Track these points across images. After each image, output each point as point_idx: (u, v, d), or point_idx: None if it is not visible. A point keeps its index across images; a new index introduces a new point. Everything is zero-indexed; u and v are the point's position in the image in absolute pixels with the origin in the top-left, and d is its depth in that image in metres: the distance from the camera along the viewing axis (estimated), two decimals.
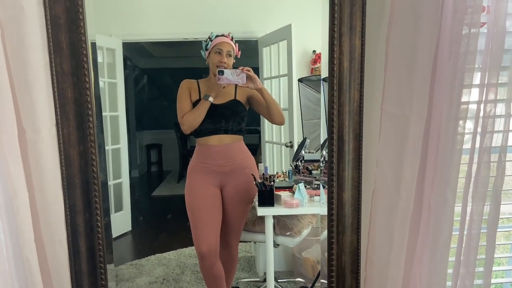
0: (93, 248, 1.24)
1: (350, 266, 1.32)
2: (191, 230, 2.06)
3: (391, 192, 1.26)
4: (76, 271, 1.24)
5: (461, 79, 1.18)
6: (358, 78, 1.21)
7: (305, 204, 2.12)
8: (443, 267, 1.26)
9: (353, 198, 1.30)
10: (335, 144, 1.26)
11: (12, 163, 1.10)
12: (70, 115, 1.18)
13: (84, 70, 1.15)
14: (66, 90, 1.16)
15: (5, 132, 1.09)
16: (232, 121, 2.11)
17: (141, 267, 3.02)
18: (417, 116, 1.19)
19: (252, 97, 2.14)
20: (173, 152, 6.41)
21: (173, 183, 6.04)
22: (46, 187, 1.18)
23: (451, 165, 1.20)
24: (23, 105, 1.13)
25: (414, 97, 1.18)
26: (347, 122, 1.24)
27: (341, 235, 1.31)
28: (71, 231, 1.22)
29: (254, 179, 2.07)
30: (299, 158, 2.61)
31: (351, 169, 1.28)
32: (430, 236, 1.26)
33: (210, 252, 1.99)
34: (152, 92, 7.01)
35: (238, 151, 2.15)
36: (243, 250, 3.20)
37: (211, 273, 2.04)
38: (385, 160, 1.26)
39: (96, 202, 1.23)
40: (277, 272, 2.54)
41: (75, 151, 1.20)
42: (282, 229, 2.36)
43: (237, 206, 2.17)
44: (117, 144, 3.69)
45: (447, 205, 1.22)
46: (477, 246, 1.28)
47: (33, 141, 1.15)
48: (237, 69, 1.97)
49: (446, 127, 1.19)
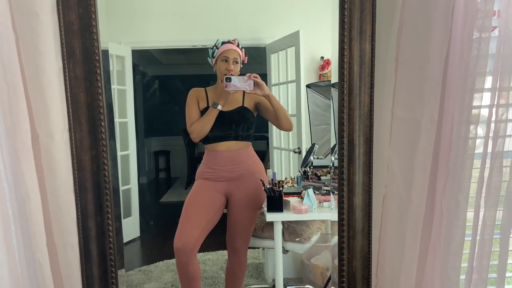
0: (104, 252, 1.25)
1: (361, 271, 1.31)
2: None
3: (402, 196, 1.25)
4: (88, 275, 1.25)
5: (472, 83, 1.17)
6: (368, 82, 1.21)
7: (314, 210, 2.11)
8: (456, 273, 1.24)
9: (364, 203, 1.29)
10: (346, 148, 1.25)
11: (25, 167, 1.11)
12: (83, 119, 1.19)
13: (96, 75, 1.17)
14: (79, 95, 1.17)
15: (18, 136, 1.10)
16: (240, 127, 2.11)
17: (149, 273, 3.02)
18: (428, 120, 1.19)
19: (260, 103, 2.15)
20: (181, 158, 6.43)
21: (181, 189, 6.05)
22: (59, 191, 1.19)
23: (463, 170, 1.19)
24: (37, 110, 1.15)
25: (425, 101, 1.18)
26: (357, 126, 1.24)
27: (352, 240, 1.30)
28: (83, 235, 1.22)
29: (263, 185, 2.07)
30: (308, 164, 2.60)
31: (361, 173, 1.28)
32: (442, 242, 1.25)
33: (185, 249, 1.95)
34: (161, 99, 7.06)
35: (246, 157, 2.15)
36: (251, 257, 3.19)
37: (185, 272, 2.00)
38: (396, 165, 1.26)
39: (108, 206, 1.24)
40: (286, 279, 2.52)
41: (87, 155, 1.21)
42: (291, 235, 2.35)
43: (245, 212, 2.17)
44: (126, 150, 3.72)
45: (460, 210, 1.20)
46: (490, 251, 1.26)
47: (46, 145, 1.16)
48: (245, 75, 1.98)
49: (457, 131, 1.18)
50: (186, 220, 2.03)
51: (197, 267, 2.03)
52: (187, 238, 1.96)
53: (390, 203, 1.29)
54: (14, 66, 1.09)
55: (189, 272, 2.00)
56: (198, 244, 2.01)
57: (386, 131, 1.27)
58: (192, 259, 1.99)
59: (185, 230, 1.99)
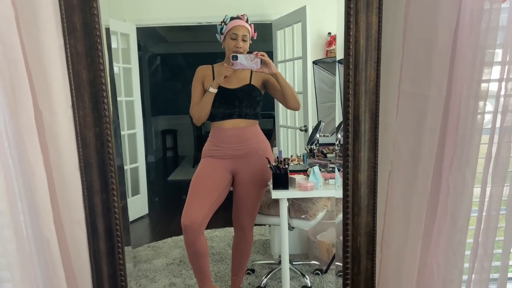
0: (111, 229, 1.26)
1: (366, 247, 1.31)
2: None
3: (408, 173, 1.24)
4: (95, 251, 1.26)
5: (482, 56, 1.14)
6: (374, 57, 1.18)
7: (320, 187, 2.11)
8: (461, 249, 1.24)
9: (369, 179, 1.28)
10: (351, 124, 1.23)
11: (29, 144, 1.11)
12: (86, 97, 1.18)
13: (98, 51, 1.15)
14: (81, 72, 1.16)
15: (22, 113, 1.10)
16: (247, 105, 2.10)
17: (158, 249, 3.07)
18: (436, 95, 1.16)
19: (268, 81, 2.12)
20: (188, 137, 6.46)
21: (188, 167, 6.10)
22: (64, 168, 1.19)
23: (471, 145, 1.17)
24: (39, 87, 1.14)
25: (433, 75, 1.15)
26: (363, 101, 1.21)
27: (357, 217, 1.30)
28: (89, 212, 1.23)
29: (269, 162, 2.07)
30: (314, 141, 2.59)
31: (367, 150, 1.26)
32: (448, 218, 1.24)
33: (192, 226, 1.97)
34: (166, 77, 7.04)
35: (252, 135, 2.14)
36: (257, 233, 3.22)
37: (193, 248, 2.03)
38: (402, 141, 1.24)
39: (113, 183, 1.24)
40: (291, 255, 2.55)
41: (91, 132, 1.20)
42: (297, 212, 2.36)
43: (251, 190, 2.18)
44: (133, 129, 3.73)
45: (466, 186, 1.19)
46: (496, 227, 1.26)
47: (49, 122, 1.16)
48: (251, 54, 1.95)
49: (466, 106, 1.16)
50: (193, 198, 2.04)
51: (204, 244, 2.06)
52: (195, 216, 1.98)
53: (395, 180, 1.28)
54: (14, 43, 1.08)
55: (197, 249, 2.03)
56: (205, 222, 2.03)
57: (392, 107, 1.24)
58: (199, 236, 2.01)
59: (193, 208, 2.00)
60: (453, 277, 1.25)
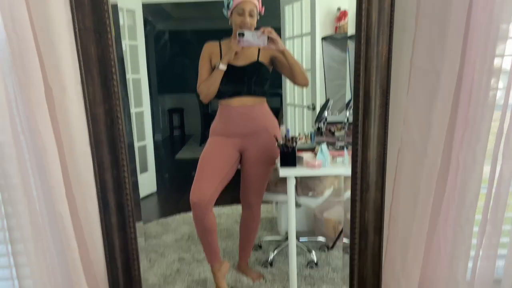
0: (122, 204, 1.28)
1: (373, 223, 1.32)
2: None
3: (418, 150, 1.23)
4: (107, 225, 1.28)
5: (496, 30, 1.12)
6: (387, 31, 1.15)
7: (327, 165, 2.11)
8: (469, 225, 1.24)
9: (378, 156, 1.28)
10: (361, 101, 1.22)
11: (40, 120, 1.12)
12: (94, 73, 1.18)
13: (106, 26, 1.15)
14: (89, 48, 1.16)
15: (32, 89, 1.11)
16: (254, 83, 2.08)
17: (167, 225, 3.12)
18: (448, 70, 1.14)
19: (276, 58, 2.10)
20: (194, 116, 6.46)
21: (195, 146, 6.13)
22: (75, 144, 1.20)
23: (482, 122, 1.16)
24: (49, 63, 1.14)
25: (446, 50, 1.13)
26: (374, 78, 1.20)
27: (365, 193, 1.30)
28: (101, 187, 1.25)
29: (276, 140, 2.07)
30: (322, 119, 2.58)
31: (377, 127, 1.25)
32: (456, 194, 1.24)
33: (201, 203, 1.99)
34: (173, 54, 6.99)
35: (260, 113, 2.14)
36: (265, 211, 3.25)
37: (202, 224, 2.06)
38: (413, 117, 1.23)
39: (123, 160, 1.25)
40: (298, 231, 2.58)
41: (101, 109, 1.21)
42: (304, 190, 2.37)
43: (259, 168, 2.18)
44: (140, 107, 3.74)
45: (477, 163, 1.19)
46: (505, 204, 1.25)
47: (59, 98, 1.16)
48: (258, 30, 1.92)
49: (479, 82, 1.14)
50: (202, 176, 2.06)
51: (213, 221, 2.09)
52: (203, 193, 2.00)
53: (405, 156, 1.28)
54: (23, 18, 1.07)
55: (206, 225, 2.06)
56: (213, 199, 2.05)
57: (403, 83, 1.23)
58: (208, 213, 2.04)
59: (201, 186, 2.02)
60: (460, 252, 1.26)
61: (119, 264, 1.33)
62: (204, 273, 2.37)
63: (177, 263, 2.51)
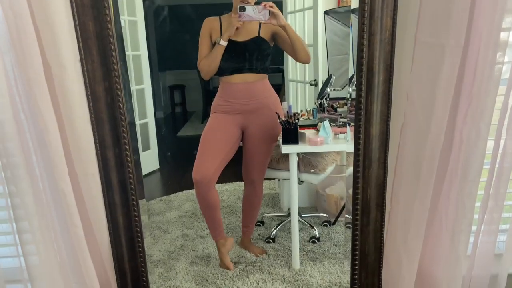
0: (125, 181, 1.28)
1: (375, 199, 1.33)
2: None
3: (421, 126, 1.22)
4: (110, 203, 1.29)
5: (503, 2, 1.09)
6: (391, 4, 1.12)
7: (329, 142, 2.10)
8: (471, 200, 1.25)
9: (381, 132, 1.27)
10: (364, 76, 1.21)
11: (40, 98, 1.11)
12: (93, 50, 1.16)
13: (104, 2, 1.12)
14: (87, 24, 1.13)
15: (31, 67, 1.09)
16: (255, 59, 2.05)
17: (170, 202, 3.15)
18: (454, 44, 1.12)
19: (277, 33, 2.06)
20: (196, 92, 6.41)
21: (197, 123, 6.12)
22: (75, 122, 1.20)
23: (487, 96, 1.15)
24: (46, 40, 1.12)
25: (451, 23, 1.10)
26: (377, 52, 1.18)
27: (367, 170, 1.30)
28: (103, 165, 1.25)
29: (278, 117, 2.06)
30: (324, 96, 2.55)
31: (380, 103, 1.24)
32: (459, 170, 1.24)
33: (203, 181, 2.01)
34: (173, 30, 6.88)
35: (262, 90, 2.12)
36: (267, 187, 3.28)
37: (205, 201, 2.08)
38: (417, 93, 1.21)
39: (125, 138, 1.25)
40: (300, 207, 2.60)
41: (101, 87, 1.19)
42: (306, 167, 2.38)
43: (261, 145, 2.18)
44: (141, 84, 3.71)
45: (480, 138, 1.18)
46: (507, 179, 1.26)
47: (59, 76, 1.15)
48: (259, 5, 1.88)
49: (484, 56, 1.12)
50: (204, 153, 2.06)
51: (216, 197, 2.11)
52: (205, 170, 2.01)
53: (408, 133, 1.27)
54: None
55: (209, 202, 2.08)
56: (216, 176, 2.06)
57: (407, 58, 1.20)
58: (210, 190, 2.05)
59: (203, 163, 2.03)
60: (462, 227, 1.27)
61: (123, 241, 1.34)
62: (208, 249, 2.41)
63: (180, 239, 2.55)
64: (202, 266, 2.24)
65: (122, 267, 1.37)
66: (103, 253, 1.35)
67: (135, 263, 1.37)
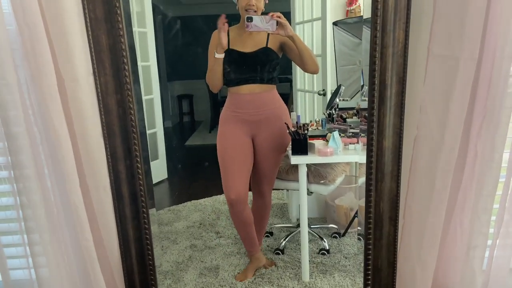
0: (135, 194, 1.28)
1: (389, 213, 1.31)
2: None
3: (435, 138, 1.21)
4: (121, 216, 1.29)
5: None
6: (404, 16, 1.12)
7: (339, 153, 2.09)
8: (487, 215, 1.23)
9: (394, 145, 1.25)
10: (377, 89, 1.20)
11: (53, 111, 1.12)
12: (106, 63, 1.17)
13: (117, 16, 1.13)
14: (101, 37, 1.14)
15: (44, 80, 1.10)
16: (263, 69, 2.05)
17: (178, 212, 3.14)
18: (467, 56, 1.11)
19: (285, 44, 2.06)
20: (204, 102, 6.45)
21: (205, 132, 6.13)
22: (88, 135, 1.20)
23: (501, 109, 1.13)
24: (60, 54, 1.13)
25: (465, 35, 1.09)
26: (390, 65, 1.17)
27: (380, 183, 1.28)
28: (114, 178, 1.25)
29: (288, 128, 2.05)
30: (333, 106, 2.54)
31: (392, 115, 1.23)
32: (474, 183, 1.22)
33: (239, 199, 2.03)
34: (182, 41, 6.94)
35: (270, 100, 2.11)
36: (276, 198, 3.26)
37: (240, 219, 2.11)
38: (430, 105, 1.20)
39: (136, 150, 1.25)
40: (309, 218, 2.58)
41: (113, 99, 1.20)
42: (315, 178, 2.36)
43: (270, 155, 2.17)
44: (150, 94, 3.73)
45: (496, 151, 1.16)
46: None
47: (72, 89, 1.16)
48: (267, 15, 1.88)
49: (499, 68, 1.11)
50: (230, 171, 2.06)
51: (249, 213, 2.14)
52: (238, 188, 2.03)
53: (421, 146, 1.25)
54: (34, 9, 1.06)
55: (245, 220, 2.11)
56: (247, 192, 2.09)
57: (421, 70, 1.19)
58: (246, 207, 2.08)
59: (234, 181, 2.04)
60: (477, 242, 1.24)
61: (133, 253, 1.34)
62: (216, 260, 2.39)
63: (189, 250, 2.54)
64: (211, 278, 2.22)
65: (132, 280, 1.36)
66: (113, 265, 1.34)
67: (145, 275, 1.36)
